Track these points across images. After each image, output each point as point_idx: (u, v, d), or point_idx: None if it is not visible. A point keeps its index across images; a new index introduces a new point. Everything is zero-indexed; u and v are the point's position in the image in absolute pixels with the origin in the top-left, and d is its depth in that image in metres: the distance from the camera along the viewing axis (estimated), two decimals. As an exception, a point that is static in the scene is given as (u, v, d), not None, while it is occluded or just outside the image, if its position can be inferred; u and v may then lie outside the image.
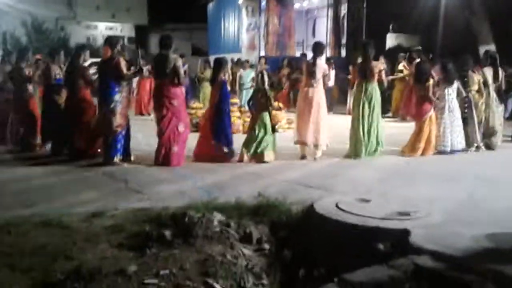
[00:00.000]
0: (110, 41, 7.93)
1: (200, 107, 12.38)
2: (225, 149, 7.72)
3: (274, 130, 7.93)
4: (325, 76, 8.10)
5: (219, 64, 8.04)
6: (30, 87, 8.76)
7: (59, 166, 7.30)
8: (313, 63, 8.01)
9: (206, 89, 13.71)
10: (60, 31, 30.70)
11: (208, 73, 14.44)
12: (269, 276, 4.06)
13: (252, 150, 7.73)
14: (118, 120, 7.36)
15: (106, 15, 33.14)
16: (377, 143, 8.12)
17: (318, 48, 8.24)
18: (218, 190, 5.90)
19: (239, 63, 15.09)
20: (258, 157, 7.69)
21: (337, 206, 4.82)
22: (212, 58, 21.89)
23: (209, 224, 4.30)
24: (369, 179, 6.63)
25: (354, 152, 8.03)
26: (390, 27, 23.55)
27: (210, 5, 26.65)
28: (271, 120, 7.95)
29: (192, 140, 7.79)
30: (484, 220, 4.69)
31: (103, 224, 4.60)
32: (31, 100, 8.82)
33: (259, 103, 8.01)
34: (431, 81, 8.40)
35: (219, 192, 5.71)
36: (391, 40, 22.84)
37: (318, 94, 7.97)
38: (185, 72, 9.94)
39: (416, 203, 5.07)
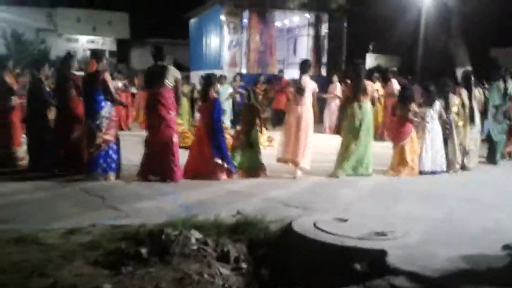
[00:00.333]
0: (96, 54, 7.78)
1: (181, 123, 12.34)
2: (228, 165, 7.62)
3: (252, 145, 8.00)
4: (314, 94, 8.18)
5: (210, 80, 7.92)
6: (13, 98, 8.47)
7: (38, 181, 7.16)
8: (300, 81, 8.06)
9: (184, 104, 13.73)
10: (41, 43, 30.51)
11: (186, 88, 14.47)
12: (246, 295, 4.05)
13: (243, 166, 7.82)
14: (103, 136, 7.25)
15: (87, 28, 33.06)
16: (368, 162, 8.22)
17: (304, 66, 8.30)
18: (198, 207, 5.88)
19: (219, 79, 15.17)
20: (249, 172, 7.81)
21: (315, 225, 4.82)
22: (193, 74, 22.06)
23: (186, 242, 4.26)
24: (349, 198, 6.67)
25: (341, 170, 8.08)
26: (370, 48, 23.90)
27: (192, 21, 26.76)
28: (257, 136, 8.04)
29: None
30: (461, 240, 4.73)
31: (80, 240, 4.54)
32: (14, 111, 8.54)
33: (248, 119, 8.02)
34: (413, 103, 8.53)
35: (198, 210, 5.68)
36: (370, 60, 23.19)
37: (307, 113, 8.02)
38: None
39: (394, 223, 5.10)
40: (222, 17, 21.00)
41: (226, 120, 13.21)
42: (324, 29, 21.83)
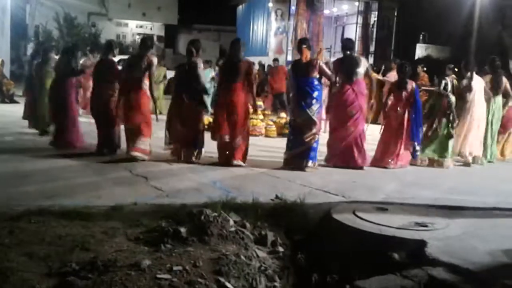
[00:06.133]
0: (305, 42, 7.49)
1: None
2: (417, 147, 7.91)
3: (450, 136, 8.17)
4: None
5: (405, 69, 8.04)
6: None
7: (85, 160, 7.38)
8: (470, 80, 8.45)
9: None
10: (92, 27, 31.21)
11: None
12: (282, 279, 4.06)
13: (431, 154, 8.16)
14: (318, 125, 7.35)
15: (137, 13, 33.57)
16: (495, 150, 8.95)
17: (470, 66, 8.60)
18: (237, 190, 5.93)
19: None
20: (437, 162, 8.11)
21: (354, 213, 4.81)
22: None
23: (224, 223, 4.31)
24: (391, 188, 6.57)
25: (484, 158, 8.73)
26: (421, 37, 23.36)
27: (240, 8, 26.82)
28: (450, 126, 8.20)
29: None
30: (504, 235, 4.60)
31: (122, 218, 4.66)
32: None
33: (442, 109, 8.19)
34: None
35: (238, 192, 5.73)
36: (420, 50, 22.65)
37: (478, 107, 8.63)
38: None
39: (435, 214, 5.02)
40: (270, 4, 20.95)
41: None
42: (373, 17, 21.49)
